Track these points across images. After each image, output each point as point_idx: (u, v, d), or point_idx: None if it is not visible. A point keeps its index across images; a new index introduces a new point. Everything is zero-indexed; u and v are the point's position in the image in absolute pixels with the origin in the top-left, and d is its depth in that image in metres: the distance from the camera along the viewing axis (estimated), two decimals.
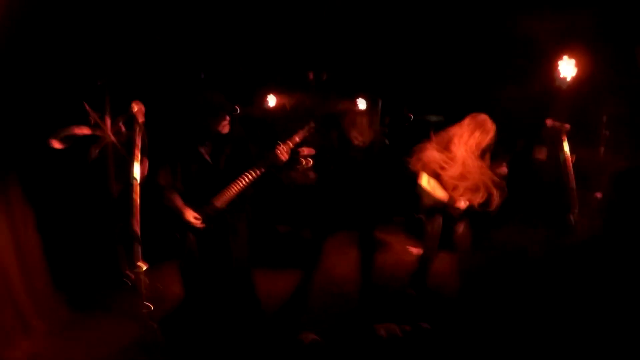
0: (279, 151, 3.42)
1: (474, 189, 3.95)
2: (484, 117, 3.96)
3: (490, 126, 3.94)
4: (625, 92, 4.65)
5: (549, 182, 5.44)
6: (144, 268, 2.90)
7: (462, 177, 3.93)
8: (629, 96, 4.59)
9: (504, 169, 4.20)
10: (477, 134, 3.90)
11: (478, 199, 3.97)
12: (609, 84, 4.79)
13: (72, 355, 3.48)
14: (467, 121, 3.99)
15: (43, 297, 3.94)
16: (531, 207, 5.74)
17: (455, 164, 3.92)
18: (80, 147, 4.35)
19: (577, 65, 4.80)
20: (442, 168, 3.96)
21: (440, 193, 4.00)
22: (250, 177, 3.46)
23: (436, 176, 4.01)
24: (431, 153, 3.98)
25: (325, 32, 5.99)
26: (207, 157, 3.49)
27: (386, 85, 7.70)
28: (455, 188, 3.99)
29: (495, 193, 3.93)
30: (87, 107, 4.36)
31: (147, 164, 2.84)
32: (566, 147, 4.15)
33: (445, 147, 3.99)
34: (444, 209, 4.09)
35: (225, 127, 3.47)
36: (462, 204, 3.99)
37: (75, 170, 4.44)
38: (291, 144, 3.48)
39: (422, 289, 4.41)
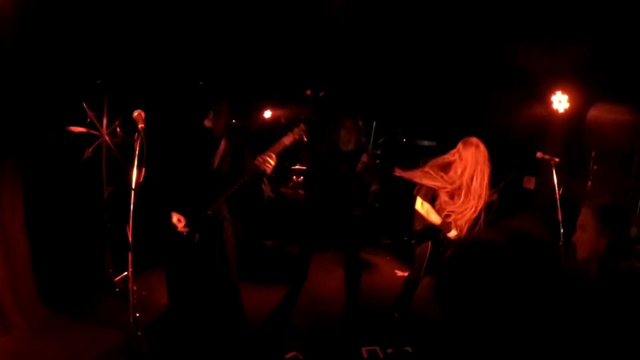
0: (260, 160, 3.41)
1: (468, 216, 4.01)
2: (476, 140, 4.02)
3: (484, 148, 4.00)
4: (614, 128, 4.74)
5: (537, 211, 5.53)
6: (124, 275, 2.89)
7: (462, 203, 3.98)
8: (618, 133, 4.68)
9: (494, 197, 4.27)
10: (480, 162, 3.95)
11: (467, 225, 4.03)
12: (599, 119, 4.88)
13: (51, 354, 3.45)
14: (460, 146, 4.04)
15: (26, 296, 3.91)
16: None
17: (457, 189, 3.97)
18: (74, 145, 4.34)
19: (570, 100, 4.91)
20: (442, 192, 4.00)
21: (433, 217, 4.05)
22: (234, 185, 3.47)
23: (430, 201, 4.06)
24: (431, 177, 4.02)
25: (324, 49, 6.06)
26: (199, 158, 3.49)
27: (381, 108, 7.79)
28: (447, 215, 4.04)
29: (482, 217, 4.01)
30: (85, 106, 4.36)
31: (143, 172, 2.83)
32: (555, 179, 4.21)
33: (444, 172, 4.02)
34: (435, 233, 4.13)
35: (218, 124, 3.48)
36: (452, 232, 4.05)
37: (67, 169, 4.42)
38: (274, 153, 3.46)
39: (407, 312, 4.43)
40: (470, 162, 3.94)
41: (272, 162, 3.43)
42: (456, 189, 3.98)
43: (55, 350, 3.50)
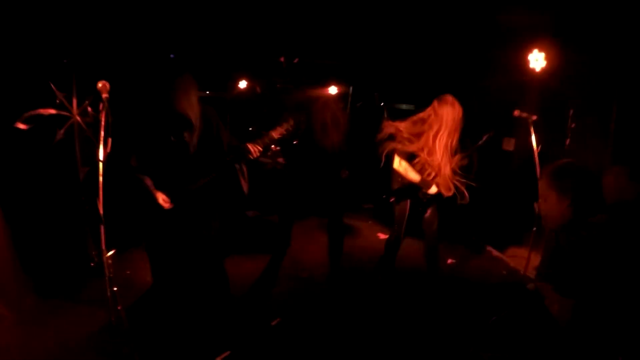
0: (251, 149, 3.48)
1: (444, 181, 4.01)
2: (451, 98, 3.99)
3: (459, 107, 3.97)
4: (591, 85, 4.74)
5: (516, 172, 5.57)
6: (110, 252, 2.84)
7: (439, 159, 3.96)
8: (594, 90, 4.68)
9: (464, 162, 4.23)
10: (455, 119, 3.93)
11: (446, 190, 4.02)
12: (576, 77, 4.87)
13: (40, 343, 3.40)
14: (435, 103, 4.01)
15: (10, 286, 3.83)
16: (499, 197, 5.87)
17: (432, 147, 3.95)
18: (45, 128, 4.23)
19: (546, 58, 4.88)
20: (418, 150, 3.98)
21: (412, 175, 4.02)
22: (219, 167, 3.44)
23: (409, 159, 4.03)
24: (405, 135, 3.99)
25: (300, 18, 5.94)
26: (175, 138, 3.40)
27: (358, 73, 7.70)
28: (428, 173, 4.02)
29: (461, 187, 4.02)
30: (53, 87, 4.24)
31: (110, 143, 2.75)
32: (533, 137, 4.22)
33: (419, 129, 3.99)
34: (414, 192, 4.12)
35: (192, 105, 3.39)
36: (433, 189, 4.03)
37: (41, 152, 4.31)
38: (263, 144, 3.54)
39: (390, 273, 4.45)
40: (444, 118, 3.92)
41: (259, 153, 3.52)
42: (431, 146, 3.96)
43: (44, 339, 3.45)
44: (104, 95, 2.75)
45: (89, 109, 4.52)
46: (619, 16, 4.34)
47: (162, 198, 3.36)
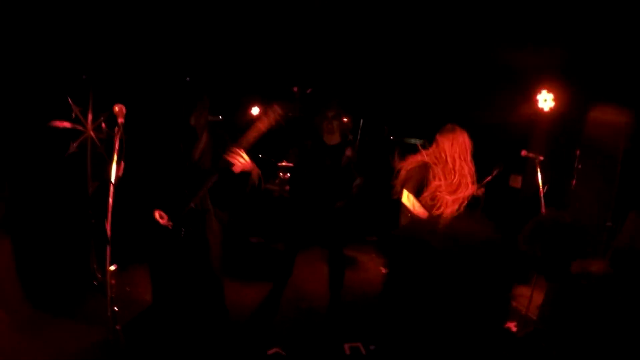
0: (229, 156, 3.35)
1: (456, 197, 3.94)
2: (451, 125, 4.00)
3: (461, 131, 3.96)
4: (599, 127, 4.77)
5: (522, 209, 5.55)
6: (112, 269, 2.86)
7: (448, 180, 3.92)
8: (602, 131, 4.71)
9: (480, 191, 4.23)
10: (459, 143, 3.91)
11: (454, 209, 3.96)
12: (584, 118, 4.91)
13: (33, 351, 3.40)
14: (437, 136, 4.01)
15: (9, 292, 3.86)
16: (505, 235, 5.83)
17: (448, 168, 3.91)
18: (59, 140, 4.30)
19: (555, 99, 4.93)
20: (432, 178, 3.94)
21: (419, 210, 4.01)
22: (211, 180, 3.43)
23: (417, 192, 4.01)
24: (416, 165, 3.98)
25: (312, 48, 6.04)
26: (180, 153, 3.45)
27: (369, 106, 7.79)
28: (437, 207, 3.98)
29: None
30: (70, 101, 4.32)
31: (122, 167, 2.80)
32: (539, 177, 4.23)
33: (435, 158, 3.97)
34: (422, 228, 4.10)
35: (201, 119, 3.46)
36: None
37: (51, 164, 4.38)
38: (250, 140, 3.41)
39: (388, 309, 4.41)
40: (447, 144, 3.91)
41: (240, 159, 3.36)
42: (443, 167, 3.91)
43: (38, 346, 3.46)
44: (120, 120, 2.80)
45: (104, 125, 4.60)
46: (626, 58, 4.39)
47: (158, 214, 3.37)
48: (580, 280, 2.24)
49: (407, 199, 4.03)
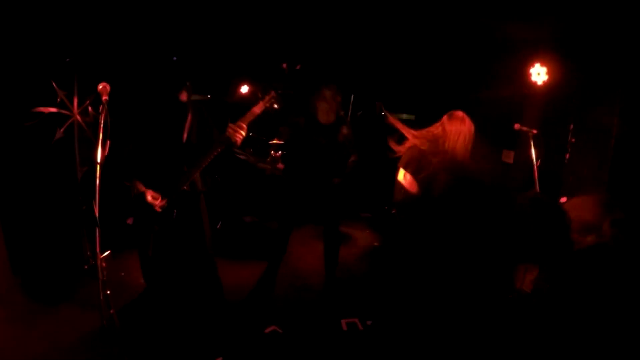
0: (231, 130, 3.34)
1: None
2: (462, 114, 3.93)
3: (470, 123, 3.91)
4: (592, 100, 4.74)
5: (515, 184, 5.56)
6: (105, 254, 2.82)
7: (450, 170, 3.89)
8: (595, 105, 4.68)
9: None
10: (464, 135, 3.85)
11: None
12: (577, 92, 4.88)
13: (30, 342, 3.38)
14: (445, 119, 3.95)
15: (2, 284, 3.81)
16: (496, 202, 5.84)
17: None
18: (45, 126, 4.22)
19: (548, 72, 4.89)
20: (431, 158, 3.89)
21: (415, 188, 3.98)
22: (207, 158, 3.39)
23: (416, 171, 3.98)
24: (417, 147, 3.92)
25: (301, 23, 5.95)
26: (168, 131, 3.40)
27: (360, 81, 7.71)
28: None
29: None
30: (55, 85, 4.23)
31: (108, 146, 2.76)
32: (533, 151, 4.21)
33: (431, 144, 3.92)
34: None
35: (183, 95, 3.41)
36: None
37: (39, 150, 4.30)
38: (244, 123, 3.39)
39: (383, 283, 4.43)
40: (452, 134, 3.85)
41: (243, 133, 3.37)
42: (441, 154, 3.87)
43: (34, 338, 3.44)
44: (104, 98, 2.76)
45: (90, 108, 4.51)
46: (620, 31, 4.35)
47: (151, 195, 3.31)
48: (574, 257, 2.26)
49: (404, 177, 4.01)
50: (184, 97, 3.45)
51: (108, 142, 2.75)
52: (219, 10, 5.49)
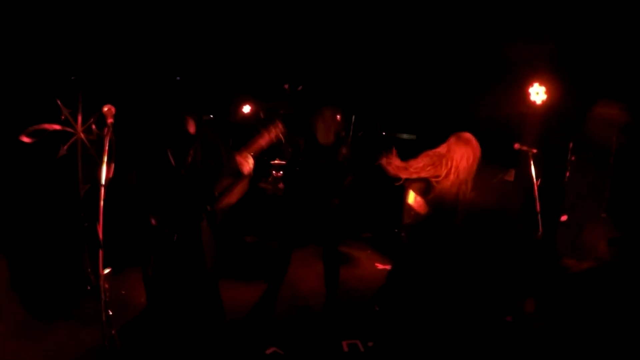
0: (238, 161, 3.38)
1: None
2: (468, 136, 3.95)
3: (477, 145, 3.93)
4: (592, 120, 4.77)
5: (516, 202, 5.56)
6: (106, 272, 2.83)
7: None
8: (596, 124, 4.71)
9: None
10: (470, 157, 3.87)
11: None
12: (576, 111, 4.92)
13: (29, 358, 3.37)
14: (452, 140, 3.96)
15: (3, 301, 3.81)
16: (499, 226, 5.85)
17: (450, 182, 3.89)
18: (49, 143, 4.24)
19: (547, 91, 4.93)
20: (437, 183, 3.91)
21: (425, 209, 3.99)
22: (215, 187, 3.40)
23: (424, 194, 3.99)
24: (424, 169, 3.94)
25: (304, 44, 6.02)
26: (171, 158, 3.41)
27: (361, 102, 7.77)
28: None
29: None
30: (59, 103, 4.27)
31: (112, 167, 2.78)
32: (533, 170, 4.23)
33: (436, 165, 3.94)
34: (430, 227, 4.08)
35: (191, 127, 3.42)
36: None
37: (42, 167, 4.32)
38: (251, 152, 3.43)
39: (388, 305, 4.40)
40: (457, 155, 3.87)
41: (250, 164, 3.40)
42: (446, 179, 3.90)
43: (33, 353, 3.42)
44: (109, 120, 2.78)
45: (94, 127, 4.54)
46: (617, 50, 4.40)
47: (155, 219, 3.33)
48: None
49: (414, 200, 4.00)
50: (191, 129, 3.43)
51: (112, 165, 2.77)
52: (222, 30, 5.56)
